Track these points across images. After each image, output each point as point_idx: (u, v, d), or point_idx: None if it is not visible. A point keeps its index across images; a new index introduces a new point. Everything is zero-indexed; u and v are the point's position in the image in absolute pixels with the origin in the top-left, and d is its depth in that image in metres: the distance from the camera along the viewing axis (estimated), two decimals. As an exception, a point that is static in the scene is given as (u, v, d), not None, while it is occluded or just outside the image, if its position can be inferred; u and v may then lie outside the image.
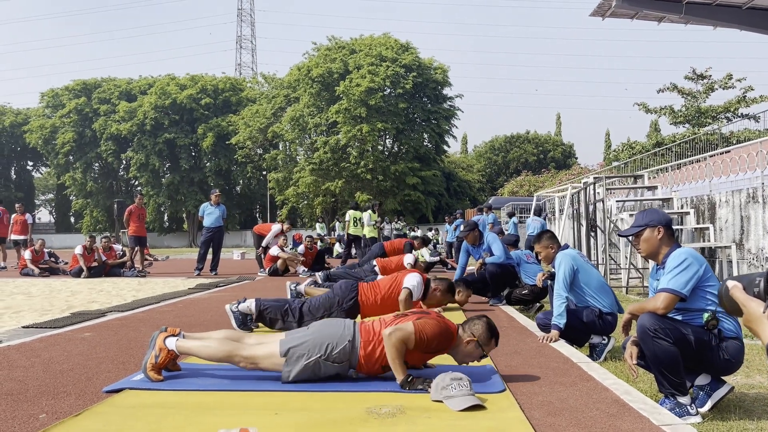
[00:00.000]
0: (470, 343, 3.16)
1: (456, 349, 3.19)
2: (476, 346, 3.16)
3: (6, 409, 2.65)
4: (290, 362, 3.04)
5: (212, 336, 3.22)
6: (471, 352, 3.18)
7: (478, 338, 3.16)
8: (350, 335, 3.12)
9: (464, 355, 3.21)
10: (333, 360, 3.06)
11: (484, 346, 3.18)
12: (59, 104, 46.83)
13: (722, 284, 1.95)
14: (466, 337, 3.17)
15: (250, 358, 3.08)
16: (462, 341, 3.17)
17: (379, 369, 3.15)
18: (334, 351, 3.06)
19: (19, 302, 7.10)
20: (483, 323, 3.21)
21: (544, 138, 51.85)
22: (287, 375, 3.04)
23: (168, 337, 3.15)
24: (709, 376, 3.15)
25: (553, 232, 5.18)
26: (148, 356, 3.13)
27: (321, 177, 36.74)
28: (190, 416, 2.53)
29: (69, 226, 53.94)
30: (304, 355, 3.05)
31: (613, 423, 2.45)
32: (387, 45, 37.24)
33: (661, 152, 22.26)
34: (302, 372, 3.04)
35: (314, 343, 3.08)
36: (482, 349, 3.18)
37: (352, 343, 3.09)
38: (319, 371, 3.07)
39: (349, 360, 3.09)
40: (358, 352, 3.09)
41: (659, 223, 3.18)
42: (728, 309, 1.93)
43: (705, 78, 26.32)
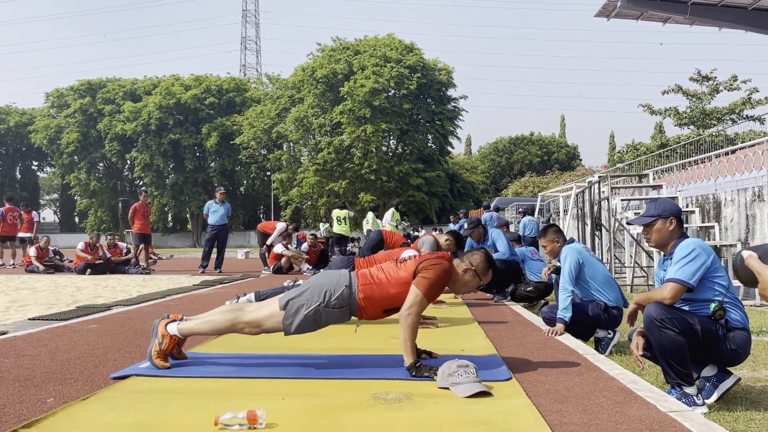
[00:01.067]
0: (467, 272, 3.20)
1: (454, 280, 3.21)
2: (473, 275, 3.20)
3: (13, 394, 2.66)
4: (290, 314, 3.06)
5: (213, 311, 3.24)
6: (468, 281, 3.22)
7: (476, 267, 3.20)
8: (346, 281, 3.13)
9: (461, 285, 3.24)
10: (332, 306, 3.07)
11: (481, 275, 3.21)
12: (64, 104, 47.03)
13: (737, 254, 1.95)
14: (464, 266, 3.20)
15: (253, 322, 3.10)
16: (459, 270, 3.20)
17: (381, 313, 3.17)
18: (333, 297, 3.07)
19: (24, 296, 7.12)
20: (481, 253, 3.25)
21: (548, 139, 51.81)
22: (289, 327, 3.06)
23: (169, 323, 3.16)
24: (716, 367, 3.15)
25: (558, 226, 5.18)
26: (152, 344, 3.13)
27: (325, 177, 36.79)
28: (197, 400, 2.54)
29: (73, 226, 54.11)
30: (304, 305, 3.06)
31: (620, 409, 2.45)
32: (391, 46, 37.30)
33: (665, 153, 22.21)
34: (304, 322, 3.05)
35: (312, 292, 3.10)
36: (479, 279, 3.22)
37: (350, 287, 3.10)
38: (320, 320, 3.08)
39: (349, 305, 3.10)
40: (357, 296, 3.10)
41: (671, 214, 3.18)
42: (743, 279, 1.94)
43: (710, 79, 26.27)
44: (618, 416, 2.36)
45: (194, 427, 2.18)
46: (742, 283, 2.07)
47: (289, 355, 3.53)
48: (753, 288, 2.36)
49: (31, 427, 2.16)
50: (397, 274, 3.16)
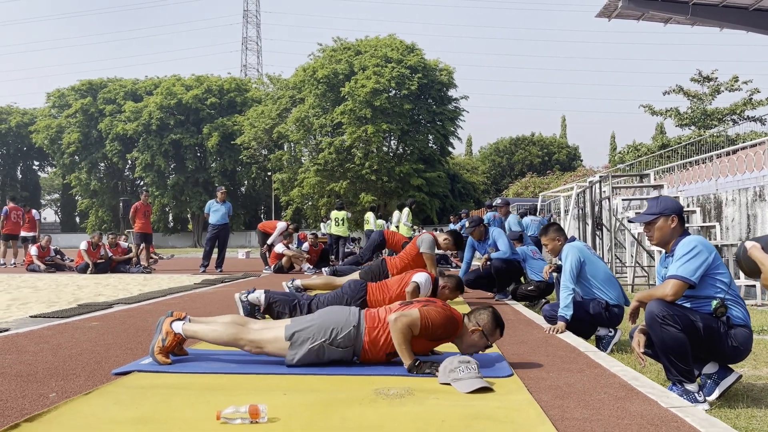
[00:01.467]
0: (475, 333, 3.17)
1: (461, 338, 3.20)
2: (481, 335, 3.17)
3: (15, 389, 2.66)
4: (295, 346, 3.05)
5: (218, 320, 3.24)
6: (476, 342, 3.19)
7: (483, 328, 3.16)
8: (355, 321, 3.13)
9: (469, 345, 3.21)
10: (337, 345, 3.07)
11: (489, 335, 3.18)
12: (65, 104, 47.04)
13: (740, 246, 1.95)
14: (472, 326, 3.18)
15: (256, 342, 3.10)
16: (467, 330, 3.18)
17: (383, 356, 3.15)
18: (339, 336, 3.07)
19: (26, 294, 7.13)
20: (489, 313, 3.22)
21: (549, 140, 51.78)
22: (292, 358, 3.05)
23: (174, 321, 3.17)
24: (717, 364, 3.15)
25: (559, 224, 5.18)
26: (155, 340, 3.14)
27: (326, 178, 36.77)
28: (199, 395, 2.54)
29: (74, 226, 54.14)
30: (309, 339, 3.06)
31: (621, 405, 2.45)
32: (392, 46, 37.29)
33: (666, 154, 22.21)
34: (306, 356, 3.05)
35: (319, 328, 3.09)
36: (487, 339, 3.19)
37: (357, 328, 3.10)
38: (323, 356, 3.08)
39: (354, 346, 3.10)
40: (363, 338, 3.09)
41: (673, 212, 3.17)
42: (746, 270, 1.94)
43: (711, 80, 26.28)
44: (619, 412, 2.36)
45: (197, 421, 2.18)
46: (745, 273, 2.07)
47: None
48: (756, 279, 2.36)
49: (34, 420, 2.16)
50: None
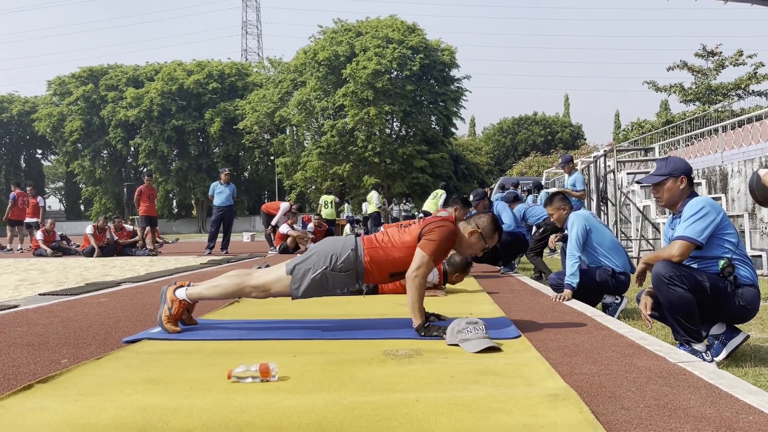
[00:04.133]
0: (473, 234, 3.21)
1: (459, 242, 3.23)
2: (479, 237, 3.21)
3: (27, 356, 2.69)
4: (297, 278, 3.08)
5: (220, 277, 3.26)
6: (473, 243, 3.22)
7: (482, 230, 3.20)
8: (352, 244, 3.15)
9: (466, 246, 3.25)
10: (339, 269, 3.09)
11: (487, 238, 3.22)
12: (66, 92, 46.95)
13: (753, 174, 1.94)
14: (470, 228, 3.21)
15: (260, 286, 3.12)
16: (466, 232, 3.21)
17: (387, 277, 3.19)
18: (339, 260, 3.09)
19: (34, 276, 7.18)
20: (488, 216, 3.26)
21: (552, 119, 51.52)
22: (296, 291, 3.08)
23: (177, 289, 3.18)
24: (724, 325, 3.15)
25: (564, 194, 5.17)
26: (161, 310, 3.16)
27: (328, 161, 36.73)
28: (210, 358, 2.56)
29: (79, 214, 54.30)
30: (310, 269, 3.08)
31: (629, 361, 2.46)
32: (393, 27, 37.01)
33: (671, 130, 22.08)
34: (311, 286, 3.07)
35: (318, 256, 3.12)
36: (485, 241, 3.22)
37: (355, 251, 3.12)
38: (327, 283, 3.11)
39: (355, 268, 3.11)
40: (363, 259, 3.11)
41: (682, 173, 3.15)
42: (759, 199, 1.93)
43: (715, 55, 26.01)
44: (628, 367, 2.37)
45: (207, 381, 2.20)
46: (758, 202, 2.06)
47: (299, 320, 3.56)
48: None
49: (47, 382, 2.18)
50: (402, 238, 3.17)
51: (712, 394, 2.00)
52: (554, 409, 1.82)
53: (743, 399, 1.93)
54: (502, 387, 2.07)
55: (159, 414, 1.82)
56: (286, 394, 2.01)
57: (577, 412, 1.78)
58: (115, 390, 2.08)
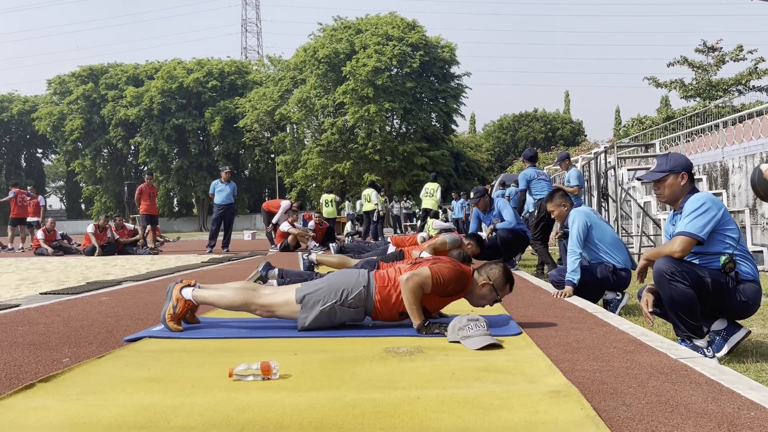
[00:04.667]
0: (485, 286, 3.18)
1: (471, 292, 3.21)
2: (491, 289, 3.18)
3: (29, 356, 2.69)
4: (306, 308, 3.06)
5: (228, 286, 3.24)
6: (485, 295, 3.20)
7: (493, 282, 3.18)
8: (365, 281, 3.13)
9: (479, 298, 3.23)
10: (349, 305, 3.08)
11: (498, 289, 3.19)
12: (66, 91, 46.93)
13: (755, 169, 1.93)
14: (482, 280, 3.19)
15: (267, 306, 3.11)
16: (477, 284, 3.19)
17: (396, 315, 3.17)
18: (350, 296, 3.07)
19: (35, 275, 7.18)
20: (499, 267, 3.23)
21: (552, 116, 51.49)
22: (303, 321, 3.06)
23: (184, 288, 3.18)
24: (726, 321, 3.15)
25: (564, 190, 5.17)
26: (165, 307, 3.16)
27: (329, 159, 36.72)
28: (211, 357, 2.57)
29: (80, 213, 54.33)
30: (320, 300, 3.06)
31: (630, 357, 2.46)
32: (393, 24, 36.96)
33: (672, 126, 22.05)
34: (318, 318, 3.06)
35: (330, 289, 3.10)
36: (497, 293, 3.20)
37: (367, 288, 3.11)
38: (335, 317, 3.09)
39: (365, 306, 3.11)
40: (374, 297, 3.10)
41: (683, 169, 3.14)
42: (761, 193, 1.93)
43: (716, 50, 25.95)
44: (629, 363, 2.37)
45: (209, 379, 2.20)
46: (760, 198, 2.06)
47: (299, 318, 3.55)
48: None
49: (49, 381, 2.18)
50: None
51: (714, 390, 2.00)
52: (556, 406, 1.82)
53: (745, 395, 1.93)
54: (504, 384, 2.08)
55: (160, 412, 1.82)
56: (288, 392, 2.01)
57: (579, 409, 1.78)
58: (117, 388, 2.09)
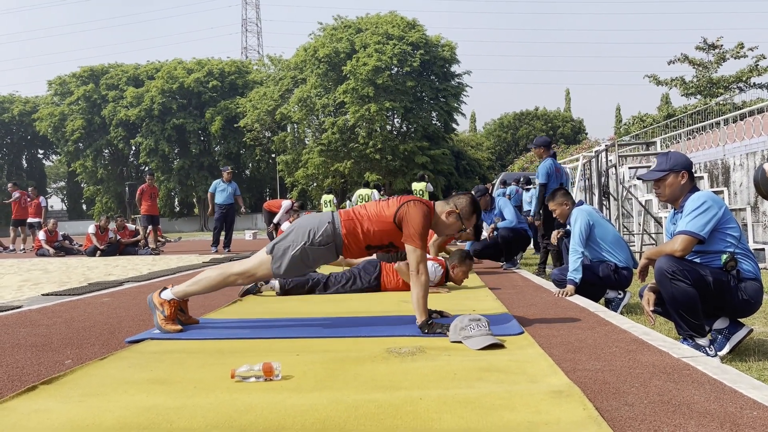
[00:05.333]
0: (451, 215, 3.20)
1: (436, 221, 3.22)
2: (456, 217, 3.19)
3: (31, 357, 2.69)
4: (277, 257, 3.09)
5: (202, 272, 3.27)
6: (451, 224, 3.21)
7: (459, 210, 3.19)
8: (329, 218, 3.16)
9: (444, 226, 3.24)
10: (318, 243, 3.09)
11: (464, 219, 3.20)
12: (67, 91, 46.90)
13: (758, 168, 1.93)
14: (448, 208, 3.20)
15: (244, 272, 3.14)
16: (444, 212, 3.20)
17: (364, 250, 3.19)
18: (317, 235, 3.09)
19: (37, 276, 7.19)
20: (467, 197, 3.25)
21: (553, 114, 51.44)
22: (278, 270, 3.09)
23: (161, 291, 3.20)
24: (728, 319, 3.15)
25: (566, 189, 5.16)
26: (155, 317, 3.16)
27: (330, 158, 36.70)
28: (213, 357, 2.57)
29: (81, 213, 54.35)
30: (290, 246, 3.09)
31: (633, 357, 2.46)
32: (393, 23, 36.93)
33: (672, 124, 22.02)
34: (292, 263, 3.08)
35: (297, 233, 3.12)
36: (462, 222, 3.21)
37: (333, 224, 3.12)
38: (308, 259, 3.11)
39: (334, 242, 3.12)
40: (340, 232, 3.11)
41: (683, 168, 3.14)
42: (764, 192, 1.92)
43: (716, 48, 25.91)
44: (632, 363, 2.37)
45: (211, 380, 2.20)
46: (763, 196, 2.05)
47: (301, 318, 3.56)
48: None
49: (51, 383, 2.18)
50: (379, 211, 3.16)
51: (716, 389, 1.99)
52: (558, 406, 1.82)
53: (747, 394, 1.92)
54: (506, 384, 2.07)
55: (163, 414, 1.82)
56: (290, 393, 2.01)
57: (581, 409, 1.78)
58: (119, 390, 2.09)
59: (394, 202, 3.17)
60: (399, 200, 3.18)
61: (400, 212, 3.09)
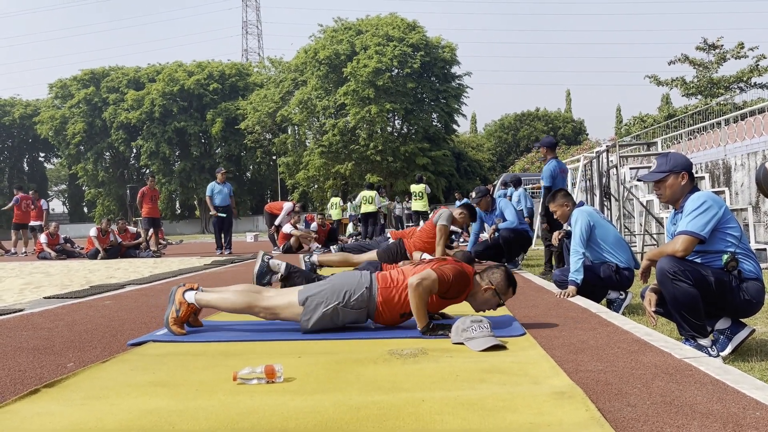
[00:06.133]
0: (488, 291, 3.17)
1: (473, 296, 3.21)
2: (494, 294, 3.17)
3: (33, 360, 2.69)
4: (308, 310, 3.07)
5: (231, 289, 3.24)
6: (488, 299, 3.19)
7: (495, 286, 3.17)
8: (367, 282, 3.14)
9: (481, 303, 3.22)
10: (351, 306, 3.08)
11: (501, 294, 3.19)
12: (68, 95, 47.00)
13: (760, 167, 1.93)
14: (484, 284, 3.18)
15: (270, 309, 3.11)
16: (480, 288, 3.18)
17: (397, 317, 3.17)
18: (352, 298, 3.08)
19: (38, 279, 7.19)
20: (501, 272, 3.22)
21: (554, 115, 51.48)
22: (306, 323, 3.07)
23: (186, 291, 3.18)
24: (730, 319, 3.14)
25: (566, 190, 5.16)
26: (168, 311, 3.16)
27: (331, 160, 36.74)
28: (215, 360, 2.57)
29: (82, 216, 54.44)
30: (323, 302, 3.07)
31: (635, 358, 2.46)
32: (394, 25, 36.98)
33: (673, 124, 22.01)
34: (321, 320, 3.06)
35: (332, 291, 3.10)
36: (499, 298, 3.19)
37: (370, 290, 3.11)
38: (338, 319, 3.09)
39: (367, 307, 3.11)
40: (376, 299, 3.10)
41: (683, 169, 3.15)
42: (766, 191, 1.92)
43: (716, 48, 25.89)
44: (634, 363, 2.36)
45: (213, 383, 2.20)
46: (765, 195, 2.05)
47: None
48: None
49: (53, 386, 2.18)
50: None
51: (719, 389, 1.99)
52: (560, 407, 1.81)
53: (750, 394, 1.92)
54: (508, 385, 2.07)
55: (165, 417, 1.82)
56: (292, 396, 2.01)
57: (584, 410, 1.78)
58: (121, 393, 2.09)
59: (433, 262, 3.17)
60: (439, 260, 3.19)
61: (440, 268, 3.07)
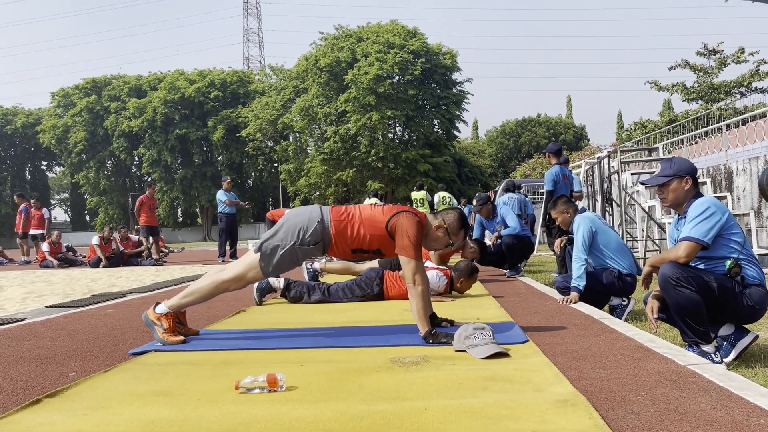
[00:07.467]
0: (439, 229, 3.20)
1: (426, 234, 3.21)
2: (444, 232, 3.19)
3: (35, 370, 2.69)
4: (266, 255, 3.08)
5: (194, 283, 3.26)
6: (438, 237, 3.21)
7: (447, 225, 3.19)
8: (318, 216, 3.12)
9: (432, 240, 3.24)
10: (307, 243, 3.08)
11: (452, 234, 3.20)
12: (70, 103, 47.10)
13: (763, 171, 1.93)
14: (437, 222, 3.21)
15: (235, 278, 3.13)
16: (432, 227, 3.20)
17: (350, 253, 3.17)
18: (307, 234, 3.07)
19: (40, 288, 7.19)
20: (455, 213, 3.26)
21: (555, 121, 51.47)
22: (266, 268, 3.08)
23: (155, 307, 3.19)
24: (733, 326, 3.13)
25: (568, 196, 5.16)
26: (154, 332, 3.15)
27: (332, 167, 36.75)
28: (217, 369, 2.56)
29: (84, 224, 54.47)
30: (279, 245, 3.07)
31: (638, 365, 2.45)
32: (394, 32, 37.05)
33: (674, 129, 22.01)
34: (280, 262, 3.08)
35: (286, 232, 3.10)
36: (449, 237, 3.21)
37: (322, 223, 3.10)
38: (297, 258, 3.11)
39: (322, 241, 3.10)
40: (329, 231, 3.10)
41: (687, 173, 3.14)
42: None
43: (717, 53, 25.92)
44: (637, 370, 2.36)
45: (215, 392, 2.20)
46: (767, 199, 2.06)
47: (305, 328, 3.55)
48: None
49: (55, 396, 2.18)
50: (372, 215, 3.14)
51: (723, 396, 1.98)
52: (563, 415, 1.81)
53: (754, 401, 1.91)
54: (511, 393, 2.07)
55: (167, 427, 1.81)
56: (294, 405, 2.01)
57: (587, 418, 1.77)
58: (123, 403, 2.08)
59: (388, 210, 3.16)
60: (392, 209, 3.17)
61: (393, 221, 3.08)
